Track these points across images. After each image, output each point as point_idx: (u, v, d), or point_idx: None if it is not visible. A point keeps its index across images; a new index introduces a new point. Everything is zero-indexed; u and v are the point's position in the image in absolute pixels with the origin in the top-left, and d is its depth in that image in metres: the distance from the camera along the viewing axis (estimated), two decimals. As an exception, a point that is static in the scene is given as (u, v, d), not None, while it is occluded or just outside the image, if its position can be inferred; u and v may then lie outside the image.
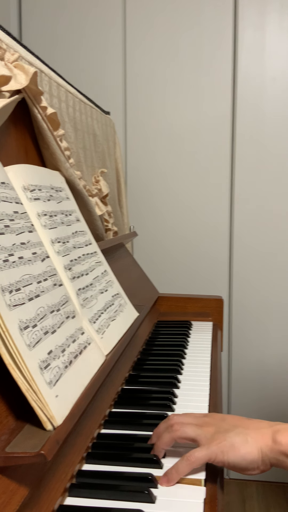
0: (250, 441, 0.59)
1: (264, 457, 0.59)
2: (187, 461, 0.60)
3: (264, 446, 0.59)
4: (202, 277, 1.94)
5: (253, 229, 1.89)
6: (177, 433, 0.63)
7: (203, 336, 1.21)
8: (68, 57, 1.90)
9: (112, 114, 1.73)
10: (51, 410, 0.53)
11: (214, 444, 0.60)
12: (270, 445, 0.59)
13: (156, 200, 1.94)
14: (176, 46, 1.86)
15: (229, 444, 0.59)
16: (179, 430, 0.63)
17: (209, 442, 0.60)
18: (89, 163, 1.25)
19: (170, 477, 0.59)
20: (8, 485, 0.48)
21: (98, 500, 0.55)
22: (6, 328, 0.52)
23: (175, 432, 0.63)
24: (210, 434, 0.61)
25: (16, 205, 0.68)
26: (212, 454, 0.59)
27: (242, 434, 0.60)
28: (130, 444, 0.67)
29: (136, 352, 1.03)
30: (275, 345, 1.92)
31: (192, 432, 0.62)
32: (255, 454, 0.59)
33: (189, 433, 0.62)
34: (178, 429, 0.63)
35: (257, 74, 1.82)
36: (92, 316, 0.79)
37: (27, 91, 0.84)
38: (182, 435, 0.63)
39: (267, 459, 0.59)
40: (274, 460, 0.59)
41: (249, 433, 0.60)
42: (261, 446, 0.59)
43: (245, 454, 0.59)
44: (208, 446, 0.60)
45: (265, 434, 0.60)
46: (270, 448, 0.59)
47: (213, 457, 0.59)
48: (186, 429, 0.63)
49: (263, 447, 0.59)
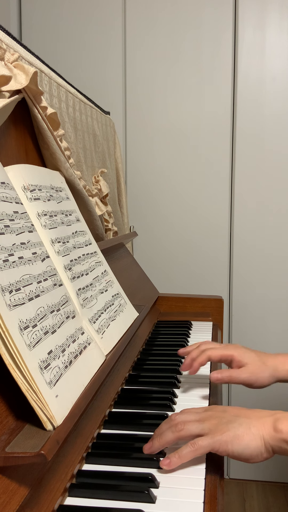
0: (253, 430, 0.61)
1: (266, 445, 0.60)
2: (190, 448, 0.61)
3: (266, 435, 0.60)
4: (202, 277, 1.94)
5: (253, 229, 1.89)
6: (182, 432, 0.63)
7: (203, 336, 1.21)
8: (68, 57, 1.90)
9: (112, 114, 1.73)
10: (51, 410, 0.53)
11: (218, 435, 0.61)
12: (271, 433, 0.60)
13: (156, 200, 1.94)
14: (176, 46, 1.86)
15: (233, 434, 0.60)
16: (184, 429, 0.63)
17: (212, 432, 0.61)
18: (89, 163, 1.25)
19: (172, 460, 0.60)
20: (8, 485, 0.48)
21: (98, 500, 0.55)
22: (6, 328, 0.52)
23: (180, 432, 0.63)
24: (213, 426, 0.62)
25: (16, 205, 0.68)
26: (216, 443, 0.60)
27: (245, 423, 0.61)
28: (130, 444, 0.67)
29: (136, 352, 1.03)
30: (275, 345, 1.92)
31: (196, 428, 0.63)
32: (258, 442, 0.60)
33: (193, 430, 0.63)
34: (182, 428, 0.63)
35: (257, 74, 1.82)
36: (92, 316, 0.79)
37: (27, 91, 0.84)
38: (187, 434, 0.63)
39: (270, 447, 0.60)
40: (276, 447, 0.60)
41: (251, 422, 0.62)
42: (263, 434, 0.60)
43: (249, 443, 0.60)
44: (212, 436, 0.61)
45: (267, 423, 0.61)
46: (272, 436, 0.60)
47: (216, 446, 0.60)
48: (190, 426, 0.63)
49: (265, 435, 0.60)
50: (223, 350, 0.82)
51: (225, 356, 0.81)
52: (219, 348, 0.82)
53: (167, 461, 0.61)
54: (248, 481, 1.97)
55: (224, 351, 0.81)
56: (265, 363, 0.79)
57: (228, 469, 1.98)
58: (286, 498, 1.87)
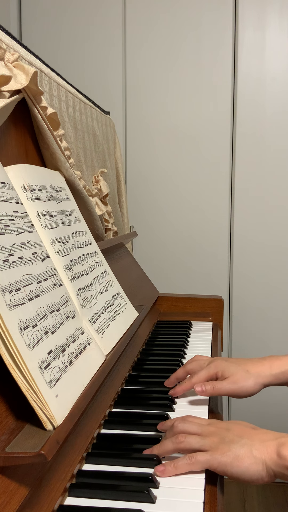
0: (255, 453, 0.59)
1: (268, 470, 0.58)
2: (187, 460, 0.60)
3: (269, 460, 0.58)
4: (202, 276, 1.94)
5: (253, 229, 1.89)
6: (181, 445, 0.62)
7: (203, 336, 1.21)
8: (68, 57, 1.90)
9: (112, 114, 1.73)
10: (51, 410, 0.53)
11: (218, 453, 0.59)
12: (274, 459, 0.58)
13: (156, 200, 1.94)
14: (176, 46, 1.86)
15: (233, 455, 0.59)
16: (184, 442, 0.62)
17: (213, 450, 0.60)
18: (89, 163, 1.25)
19: (167, 469, 0.60)
20: (8, 485, 0.48)
21: (98, 500, 0.55)
22: (6, 328, 0.52)
23: (179, 444, 0.62)
24: (214, 444, 0.61)
25: (16, 205, 0.68)
26: (214, 462, 0.59)
27: (247, 445, 0.59)
28: (130, 444, 0.67)
29: (136, 352, 1.03)
30: (275, 345, 1.92)
31: (196, 443, 0.62)
32: (259, 467, 0.58)
33: (193, 445, 0.62)
34: (182, 441, 0.62)
35: (257, 74, 1.82)
36: (92, 316, 0.79)
37: (27, 91, 0.84)
38: (186, 447, 0.62)
39: (272, 472, 0.58)
40: (279, 474, 0.58)
41: (254, 445, 0.59)
42: (266, 459, 0.58)
43: (249, 466, 0.58)
44: (212, 453, 0.59)
45: (270, 447, 0.59)
46: (275, 462, 0.58)
47: (214, 465, 0.59)
48: (191, 440, 0.62)
49: (267, 460, 0.58)
50: (207, 372, 0.80)
51: (209, 377, 0.80)
52: (203, 371, 0.80)
53: (161, 468, 0.60)
54: (248, 481, 1.97)
55: (208, 372, 0.80)
56: (248, 371, 0.78)
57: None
58: (286, 498, 1.87)
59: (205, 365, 0.82)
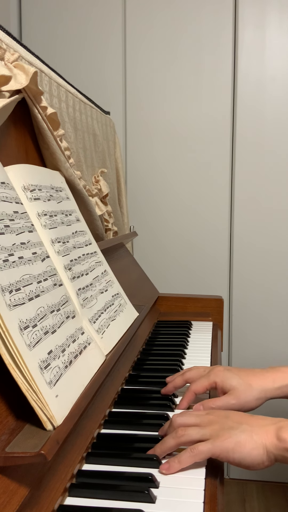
0: (255, 438, 0.60)
1: (269, 454, 0.59)
2: (190, 453, 0.60)
3: (269, 444, 0.59)
4: (202, 276, 1.94)
5: (253, 229, 1.89)
6: (182, 438, 0.62)
7: (203, 336, 1.21)
8: (68, 57, 1.90)
9: (112, 114, 1.73)
10: (51, 410, 0.53)
11: (219, 441, 0.60)
12: (274, 443, 0.59)
13: (156, 200, 1.94)
14: (176, 46, 1.86)
15: (234, 441, 0.60)
16: (184, 435, 0.62)
17: (214, 438, 0.61)
18: (89, 163, 1.25)
19: (172, 465, 0.60)
20: (8, 485, 0.48)
21: (98, 500, 0.55)
22: (6, 328, 0.52)
23: (180, 438, 0.62)
24: (215, 432, 0.61)
25: (16, 205, 0.68)
26: (217, 449, 0.59)
27: (247, 431, 0.60)
28: (130, 444, 0.67)
29: (136, 352, 1.03)
30: (276, 345, 1.92)
31: (196, 434, 0.62)
32: (260, 451, 0.59)
33: (194, 436, 0.62)
34: (183, 434, 0.62)
35: (257, 74, 1.82)
36: (92, 316, 0.79)
37: (27, 91, 0.84)
38: (187, 440, 0.62)
39: (272, 456, 0.59)
40: (279, 456, 0.59)
41: (254, 430, 0.61)
42: (266, 443, 0.59)
43: (250, 451, 0.59)
44: (213, 441, 0.60)
45: (270, 431, 0.60)
46: (275, 445, 0.59)
47: (217, 452, 0.60)
48: (191, 432, 0.62)
49: (267, 444, 0.59)
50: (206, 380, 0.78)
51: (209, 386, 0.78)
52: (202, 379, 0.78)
53: (166, 466, 0.60)
54: (248, 481, 1.97)
55: (207, 381, 0.78)
56: (251, 385, 0.76)
57: (228, 469, 1.98)
58: (286, 498, 1.87)
59: (204, 373, 0.80)
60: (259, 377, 0.77)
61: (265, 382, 0.76)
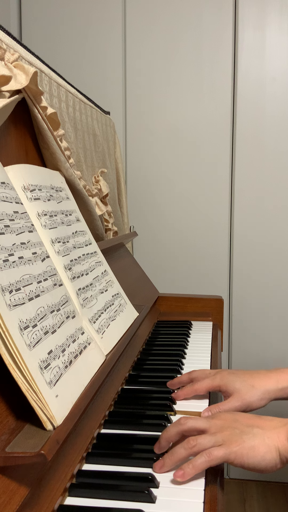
0: (267, 442, 0.60)
1: (281, 456, 0.59)
2: (206, 457, 0.59)
3: (281, 446, 0.59)
4: (202, 276, 1.94)
5: (253, 228, 1.89)
6: (195, 448, 0.60)
7: (203, 336, 1.21)
8: (68, 57, 1.90)
9: (112, 114, 1.73)
10: (51, 410, 0.54)
11: (234, 446, 0.59)
12: (286, 444, 0.59)
13: (156, 199, 1.94)
14: (176, 46, 1.86)
15: (248, 446, 0.59)
16: (197, 445, 0.60)
17: (227, 443, 0.60)
18: (89, 163, 1.25)
19: (186, 471, 0.58)
20: (8, 485, 0.48)
21: (98, 500, 0.55)
22: (6, 328, 0.52)
23: (193, 448, 0.60)
24: (227, 437, 0.60)
25: (16, 205, 0.68)
26: (231, 455, 0.59)
27: (259, 435, 0.60)
28: (130, 444, 0.67)
29: (136, 352, 1.03)
30: (276, 345, 1.92)
31: (208, 442, 0.60)
32: (273, 454, 0.59)
33: (206, 445, 0.60)
34: (195, 445, 0.60)
35: (257, 74, 1.82)
36: (92, 316, 0.79)
37: (27, 91, 0.84)
38: (200, 449, 0.60)
39: (284, 458, 0.59)
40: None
41: (266, 433, 0.60)
42: (278, 445, 0.59)
43: (264, 455, 0.59)
44: (228, 447, 0.59)
45: (281, 433, 0.60)
46: (286, 447, 0.59)
47: (231, 458, 0.59)
48: (202, 441, 0.60)
49: (280, 446, 0.59)
50: (210, 382, 0.79)
51: (212, 388, 0.79)
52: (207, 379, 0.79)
53: (180, 472, 0.58)
54: (248, 481, 1.97)
55: (211, 382, 0.79)
56: (253, 386, 0.76)
57: (228, 469, 1.98)
58: (286, 498, 1.87)
59: (210, 375, 0.81)
60: (262, 378, 0.78)
61: (268, 383, 0.77)
